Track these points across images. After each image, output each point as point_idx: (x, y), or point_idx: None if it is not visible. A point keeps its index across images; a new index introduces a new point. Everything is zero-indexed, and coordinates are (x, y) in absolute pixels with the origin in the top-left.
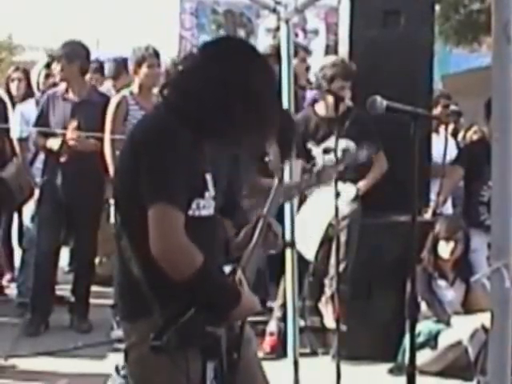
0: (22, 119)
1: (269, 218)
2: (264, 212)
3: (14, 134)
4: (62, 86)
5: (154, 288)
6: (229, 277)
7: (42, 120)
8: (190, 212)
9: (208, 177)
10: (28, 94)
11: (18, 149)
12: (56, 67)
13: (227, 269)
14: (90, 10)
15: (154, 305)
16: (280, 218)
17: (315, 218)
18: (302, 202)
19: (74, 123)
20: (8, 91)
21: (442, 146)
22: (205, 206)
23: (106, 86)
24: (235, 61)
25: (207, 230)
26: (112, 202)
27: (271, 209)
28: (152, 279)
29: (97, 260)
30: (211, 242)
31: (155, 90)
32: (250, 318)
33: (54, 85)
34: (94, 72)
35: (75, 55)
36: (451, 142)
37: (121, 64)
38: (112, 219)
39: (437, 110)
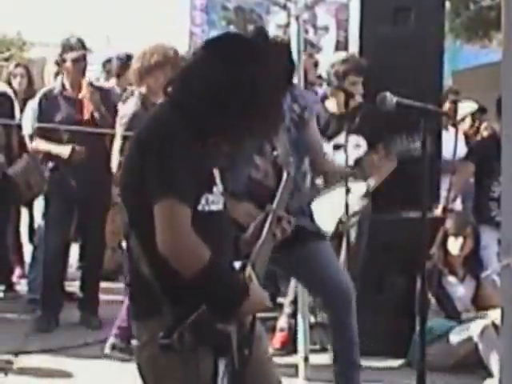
0: (32, 115)
1: (278, 212)
2: (273, 206)
3: (26, 131)
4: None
5: (164, 287)
6: (238, 272)
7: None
8: (200, 207)
9: (216, 172)
10: (30, 90)
11: (28, 145)
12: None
13: (237, 264)
14: (100, 6)
15: (165, 303)
16: None
17: (325, 214)
18: None
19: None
20: (10, 87)
21: (452, 143)
22: (214, 201)
23: (111, 83)
24: (238, 58)
25: (217, 225)
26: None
27: (280, 203)
28: (162, 278)
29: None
30: (221, 237)
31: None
32: (260, 315)
33: None
34: None
35: None
36: (461, 139)
37: (124, 62)
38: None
39: (445, 106)
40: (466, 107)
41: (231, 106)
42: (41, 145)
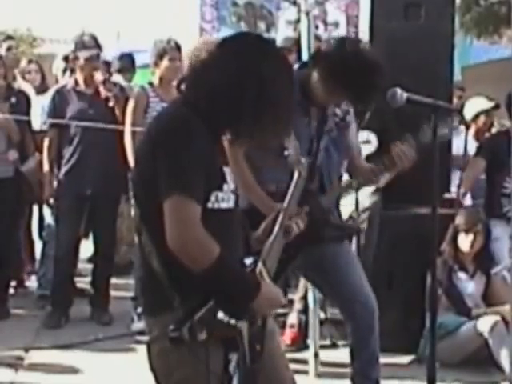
0: (42, 111)
1: (290, 211)
2: (284, 205)
3: (36, 127)
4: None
5: (175, 281)
6: (249, 269)
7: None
8: (209, 204)
9: (226, 169)
10: (43, 85)
11: (38, 141)
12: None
13: (248, 261)
14: (110, 2)
15: (175, 298)
16: None
17: None
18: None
19: None
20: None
21: (461, 139)
22: (224, 199)
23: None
24: (252, 57)
25: (227, 223)
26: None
27: (291, 202)
28: (172, 272)
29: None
30: (231, 235)
31: (175, 83)
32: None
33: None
34: None
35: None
36: (471, 135)
37: (126, 60)
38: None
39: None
40: (479, 104)
41: (243, 105)
42: None
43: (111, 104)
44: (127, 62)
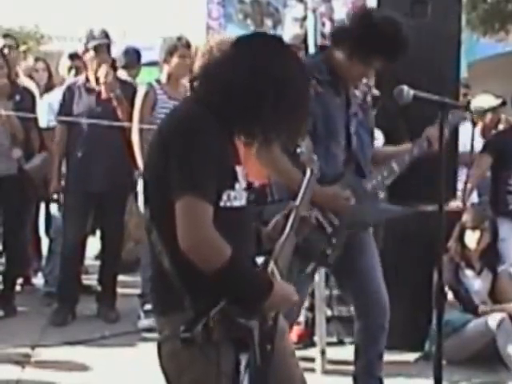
0: (49, 109)
1: (301, 210)
2: (296, 203)
3: (42, 124)
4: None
5: (186, 281)
6: (262, 268)
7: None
8: (222, 203)
9: (238, 168)
10: (50, 83)
11: (45, 139)
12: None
13: (259, 260)
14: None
15: (186, 298)
16: None
17: None
18: None
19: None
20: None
21: (467, 136)
22: (236, 197)
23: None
24: (267, 57)
25: (239, 221)
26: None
27: (303, 200)
28: (183, 272)
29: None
30: (243, 233)
31: (183, 81)
32: None
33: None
34: None
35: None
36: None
37: (132, 55)
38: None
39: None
40: (486, 101)
41: (256, 105)
42: None
43: (114, 104)
44: (132, 58)
